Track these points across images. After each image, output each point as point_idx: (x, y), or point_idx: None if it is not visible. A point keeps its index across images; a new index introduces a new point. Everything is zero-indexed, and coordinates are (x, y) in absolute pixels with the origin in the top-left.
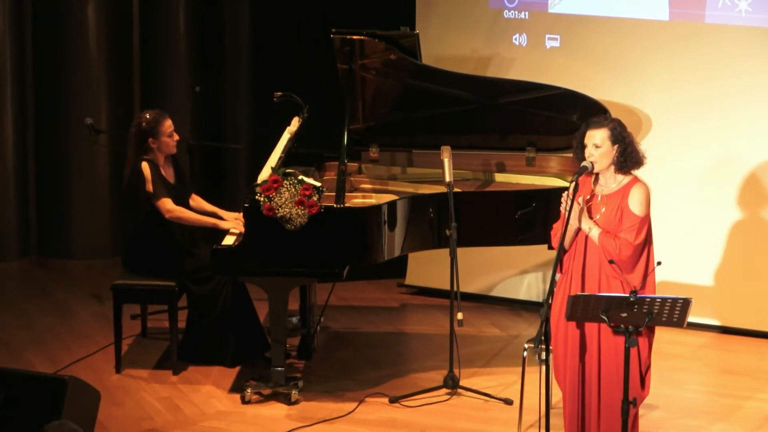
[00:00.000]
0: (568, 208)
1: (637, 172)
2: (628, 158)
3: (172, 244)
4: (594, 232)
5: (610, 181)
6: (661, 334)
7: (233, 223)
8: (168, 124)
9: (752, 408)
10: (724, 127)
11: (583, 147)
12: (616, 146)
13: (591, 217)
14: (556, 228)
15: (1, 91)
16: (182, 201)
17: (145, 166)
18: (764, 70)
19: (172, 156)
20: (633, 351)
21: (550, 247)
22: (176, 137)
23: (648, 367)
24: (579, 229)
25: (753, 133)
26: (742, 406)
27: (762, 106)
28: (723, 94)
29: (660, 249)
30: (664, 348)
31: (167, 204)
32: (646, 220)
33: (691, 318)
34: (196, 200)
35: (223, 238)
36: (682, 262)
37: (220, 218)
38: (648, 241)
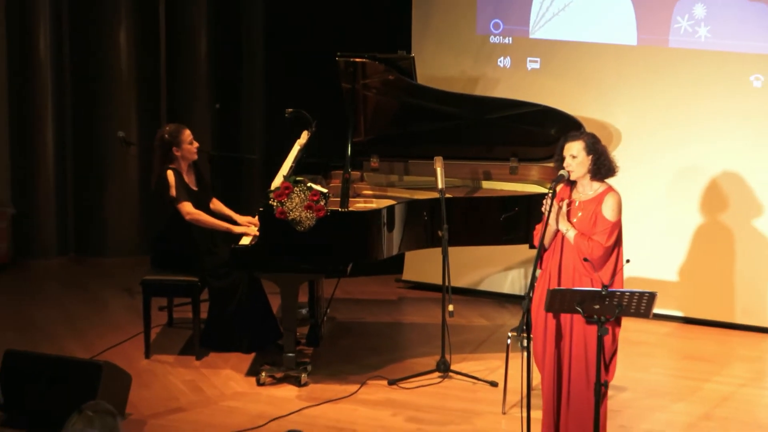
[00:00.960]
0: (548, 212)
1: (609, 179)
2: (601, 167)
3: (194, 244)
4: (570, 234)
5: (587, 189)
6: (631, 324)
7: (245, 228)
8: (187, 133)
9: (710, 389)
10: (686, 140)
11: (562, 158)
12: (590, 156)
13: (569, 220)
14: (538, 229)
15: (42, 107)
16: (203, 205)
17: (169, 174)
18: (721, 89)
19: (194, 165)
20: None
21: (532, 246)
22: (196, 144)
23: (614, 354)
24: (557, 231)
25: (711, 145)
26: (701, 387)
27: (718, 122)
28: (685, 111)
29: (629, 248)
30: (632, 336)
31: (187, 207)
32: (617, 225)
33: (656, 309)
34: (216, 204)
35: (240, 239)
36: (649, 260)
37: (235, 223)
38: (618, 243)
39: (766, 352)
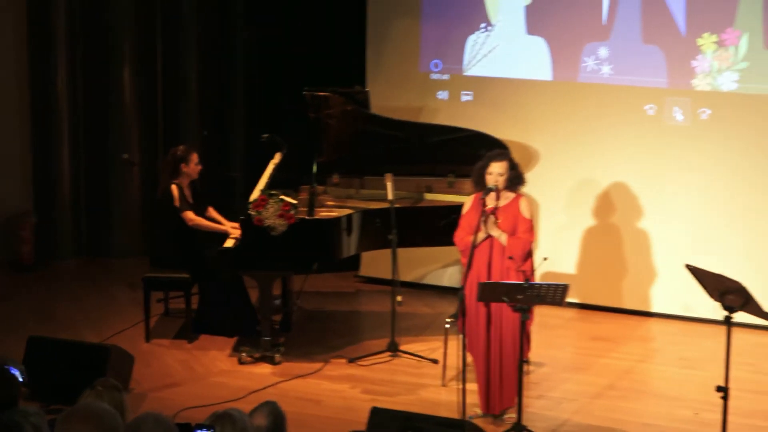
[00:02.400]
0: (481, 220)
1: (526, 190)
2: (516, 180)
3: (187, 247)
4: (503, 238)
5: (503, 198)
6: (547, 310)
7: (231, 230)
8: (195, 156)
9: (611, 364)
10: (590, 157)
11: (485, 173)
12: (511, 172)
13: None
14: (459, 235)
15: (59, 133)
16: (199, 213)
17: (174, 188)
18: (620, 116)
19: (192, 182)
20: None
21: None
22: (200, 167)
23: (529, 336)
24: (488, 236)
25: (610, 161)
26: (605, 363)
27: (617, 142)
28: (590, 134)
29: (543, 247)
30: (548, 321)
31: (189, 215)
32: (532, 223)
33: (567, 298)
34: (211, 212)
35: (224, 242)
36: (559, 257)
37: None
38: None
39: (655, 332)
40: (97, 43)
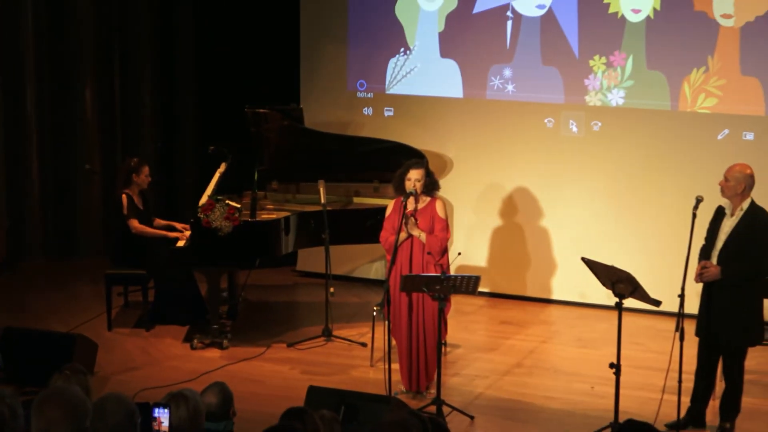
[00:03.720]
0: (402, 222)
1: (442, 194)
2: (432, 185)
3: (138, 248)
4: (423, 236)
5: (421, 201)
6: (461, 299)
7: (179, 234)
8: (147, 168)
9: (518, 345)
10: (496, 166)
11: (404, 180)
12: (427, 178)
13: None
14: (383, 236)
15: (29, 146)
16: (148, 220)
17: (123, 197)
18: (523, 129)
19: (143, 192)
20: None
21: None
22: (149, 179)
23: (446, 321)
24: (409, 235)
25: (511, 169)
26: (512, 344)
27: (519, 150)
28: (497, 144)
29: (457, 243)
30: (463, 308)
31: (134, 223)
32: (447, 223)
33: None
34: (156, 221)
35: (176, 242)
36: (471, 252)
37: (174, 229)
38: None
39: (555, 317)
40: (62, 65)
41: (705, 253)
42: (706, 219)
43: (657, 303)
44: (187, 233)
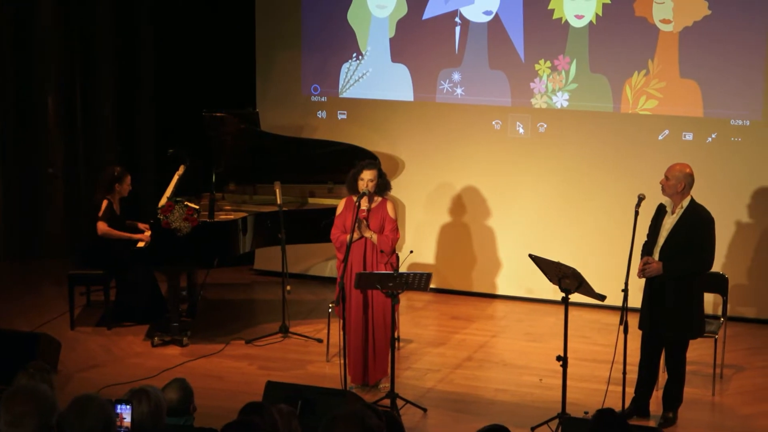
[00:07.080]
0: (354, 222)
1: (393, 193)
2: (384, 186)
3: (108, 248)
4: (374, 238)
5: (373, 201)
6: (412, 294)
7: (141, 235)
8: (129, 178)
9: (468, 339)
10: (446, 166)
11: (357, 180)
12: (379, 180)
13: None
14: (334, 234)
15: None
16: (121, 224)
17: (104, 202)
18: (472, 130)
19: (122, 199)
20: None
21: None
22: (130, 188)
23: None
24: (361, 236)
25: (460, 170)
26: (463, 338)
27: (469, 151)
28: (445, 145)
29: (408, 241)
30: (415, 304)
31: (101, 225)
32: (397, 223)
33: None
34: (127, 222)
35: (137, 243)
36: (421, 249)
37: (137, 230)
38: None
39: (504, 312)
40: (25, 74)
41: (647, 249)
42: (649, 216)
43: (602, 298)
44: (148, 233)
